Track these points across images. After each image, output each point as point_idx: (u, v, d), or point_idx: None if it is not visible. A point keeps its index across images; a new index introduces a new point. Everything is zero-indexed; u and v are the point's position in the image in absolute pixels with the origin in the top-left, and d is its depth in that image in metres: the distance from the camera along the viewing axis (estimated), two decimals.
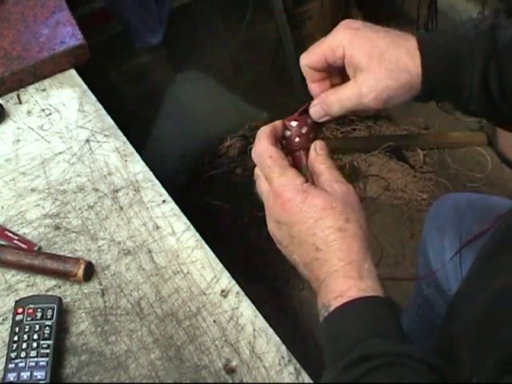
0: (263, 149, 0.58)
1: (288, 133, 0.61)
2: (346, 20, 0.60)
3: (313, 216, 0.53)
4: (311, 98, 0.63)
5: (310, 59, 0.61)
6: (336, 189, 0.55)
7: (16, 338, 0.64)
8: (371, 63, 0.56)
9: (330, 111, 0.60)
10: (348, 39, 0.57)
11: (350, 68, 0.59)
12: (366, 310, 0.50)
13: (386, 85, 0.56)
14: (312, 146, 0.59)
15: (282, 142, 0.61)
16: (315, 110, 0.62)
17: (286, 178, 0.56)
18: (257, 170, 0.60)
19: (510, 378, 0.43)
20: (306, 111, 0.62)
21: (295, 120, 0.61)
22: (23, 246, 0.74)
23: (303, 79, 0.66)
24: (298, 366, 0.64)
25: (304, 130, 0.60)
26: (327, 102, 0.60)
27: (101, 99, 0.93)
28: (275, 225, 0.57)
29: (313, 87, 0.63)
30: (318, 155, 0.59)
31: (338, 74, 0.62)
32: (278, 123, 0.61)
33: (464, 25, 0.59)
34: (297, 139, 0.60)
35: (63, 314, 0.68)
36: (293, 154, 0.61)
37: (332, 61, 0.59)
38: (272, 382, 0.63)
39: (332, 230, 0.53)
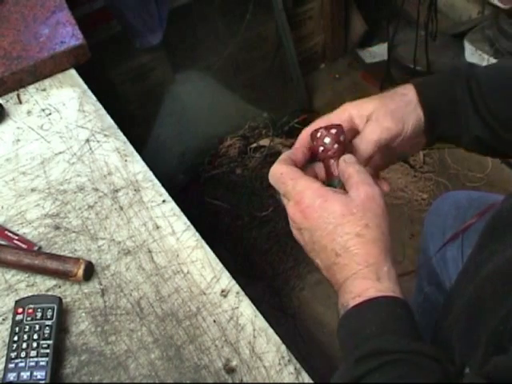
0: (274, 170, 0.60)
1: (327, 139, 0.61)
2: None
3: (332, 222, 0.54)
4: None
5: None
6: (360, 192, 0.55)
7: (16, 338, 0.64)
8: (376, 103, 0.63)
9: (364, 152, 0.63)
10: (354, 108, 0.65)
11: (361, 124, 0.64)
12: (383, 308, 0.51)
13: (394, 106, 0.63)
14: (341, 158, 0.60)
15: (316, 151, 0.62)
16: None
17: (301, 185, 0.57)
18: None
19: (498, 358, 0.43)
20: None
21: (333, 128, 0.61)
22: (23, 245, 0.74)
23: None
24: (298, 365, 0.64)
25: (342, 138, 0.61)
26: (362, 144, 0.63)
27: (101, 99, 0.93)
28: (298, 232, 0.58)
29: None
30: (347, 163, 0.59)
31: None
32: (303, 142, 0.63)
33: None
34: (335, 146, 0.60)
35: (63, 313, 0.68)
36: (328, 161, 0.61)
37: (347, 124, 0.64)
38: (272, 381, 0.63)
39: (351, 236, 0.53)
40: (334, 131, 0.60)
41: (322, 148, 0.61)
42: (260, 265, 1.67)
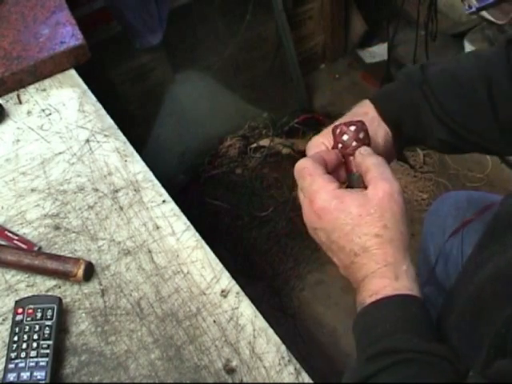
0: (299, 163, 0.59)
1: (346, 137, 0.61)
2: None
3: (349, 223, 0.54)
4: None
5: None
6: (378, 190, 0.54)
7: (16, 338, 0.64)
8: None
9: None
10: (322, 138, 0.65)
11: None
12: (399, 307, 0.51)
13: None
14: (358, 150, 0.60)
15: (336, 147, 0.62)
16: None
17: (318, 184, 0.56)
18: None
19: (501, 361, 0.43)
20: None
21: (353, 124, 0.61)
22: (23, 246, 0.74)
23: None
24: (298, 366, 0.64)
25: (361, 135, 0.61)
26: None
27: (101, 99, 0.93)
28: (313, 231, 0.58)
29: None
30: (363, 155, 0.59)
31: None
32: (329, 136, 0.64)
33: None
34: (354, 143, 0.60)
35: (63, 314, 0.68)
36: (347, 158, 0.61)
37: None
38: (272, 382, 0.63)
39: (369, 237, 0.53)
40: (353, 128, 0.60)
41: (340, 145, 0.61)
42: (260, 265, 1.67)
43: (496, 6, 0.45)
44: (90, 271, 0.72)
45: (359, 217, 0.53)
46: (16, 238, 0.75)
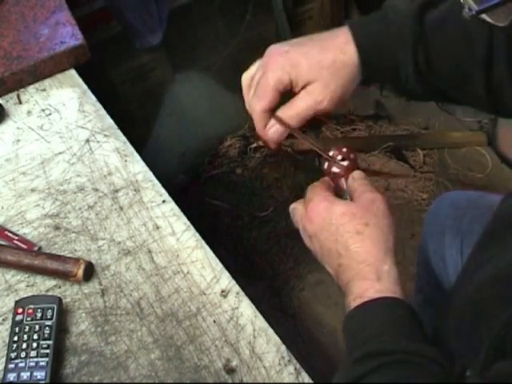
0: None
1: (335, 169, 0.65)
2: (271, 47, 0.67)
3: (334, 223, 0.56)
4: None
5: (268, 101, 0.64)
6: (362, 198, 0.58)
7: (16, 338, 0.64)
8: (315, 74, 0.61)
9: (290, 124, 0.63)
10: (288, 65, 0.62)
11: (297, 87, 0.63)
12: (383, 309, 0.51)
13: (335, 86, 0.61)
14: (351, 175, 0.63)
15: (328, 173, 0.65)
16: (275, 130, 0.64)
17: (313, 192, 0.60)
18: (292, 206, 0.63)
19: (501, 363, 0.43)
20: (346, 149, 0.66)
21: (343, 157, 0.65)
22: (23, 246, 0.74)
23: None
24: (298, 366, 0.64)
25: (345, 163, 0.65)
26: (286, 117, 0.63)
27: (101, 99, 0.93)
28: (309, 240, 0.60)
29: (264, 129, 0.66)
30: (354, 180, 0.62)
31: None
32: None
33: (395, 6, 0.63)
34: (337, 170, 0.65)
35: (63, 314, 0.68)
36: (336, 181, 0.65)
37: (283, 90, 0.63)
38: (272, 382, 0.63)
39: (350, 235, 0.55)
40: (339, 157, 0.65)
41: (334, 171, 0.65)
42: (260, 265, 1.67)
43: (498, 7, 0.45)
44: (90, 271, 0.72)
45: (343, 216, 0.56)
46: (16, 238, 0.75)
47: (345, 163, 0.65)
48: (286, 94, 0.64)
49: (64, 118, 0.90)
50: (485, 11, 0.44)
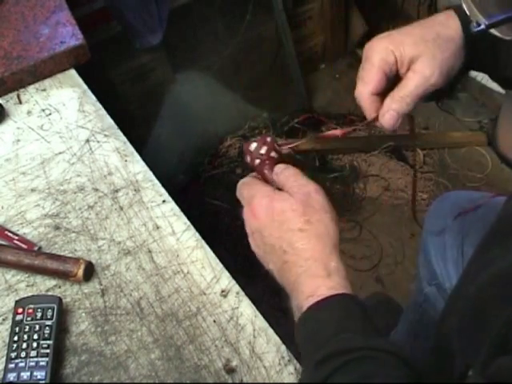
0: (238, 183, 0.63)
1: (248, 158, 0.65)
2: (373, 38, 0.63)
3: (276, 219, 0.56)
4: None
5: (373, 84, 0.62)
6: (297, 192, 0.57)
7: (16, 338, 0.64)
8: (420, 48, 0.59)
9: (403, 108, 0.61)
10: (391, 44, 0.60)
11: (403, 67, 0.61)
12: (337, 307, 0.51)
13: (441, 58, 0.59)
14: (274, 171, 0.62)
15: (252, 164, 0.65)
16: (388, 117, 0.61)
17: (254, 188, 0.60)
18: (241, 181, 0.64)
19: (501, 359, 0.43)
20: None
21: (254, 141, 0.64)
22: (23, 245, 0.74)
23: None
24: (298, 366, 0.64)
25: (263, 151, 0.63)
26: (397, 99, 0.60)
27: (101, 99, 0.93)
28: (251, 237, 0.60)
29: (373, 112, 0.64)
30: (278, 174, 0.61)
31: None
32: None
33: None
34: (257, 161, 0.64)
35: (63, 314, 0.68)
36: (261, 172, 0.64)
37: (389, 71, 0.61)
38: (272, 382, 0.63)
39: (294, 232, 0.54)
40: (253, 146, 0.64)
41: (258, 161, 0.64)
42: (260, 265, 1.67)
43: (510, 22, 0.44)
44: (90, 271, 0.72)
45: (283, 213, 0.56)
46: (16, 237, 0.75)
47: (272, 154, 0.63)
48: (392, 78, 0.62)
49: (64, 118, 0.90)
50: (495, 26, 0.44)
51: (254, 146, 0.64)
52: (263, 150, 0.63)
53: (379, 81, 0.61)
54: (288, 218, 0.55)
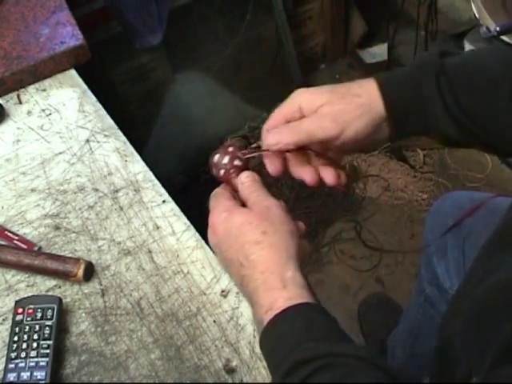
0: (211, 196, 0.63)
1: (213, 170, 0.65)
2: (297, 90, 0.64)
3: (233, 233, 0.56)
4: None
5: (270, 123, 0.65)
6: (257, 207, 0.57)
7: (16, 338, 0.64)
8: (325, 98, 0.60)
9: (289, 137, 0.61)
10: (303, 94, 0.62)
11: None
12: (297, 317, 0.50)
13: (340, 108, 0.59)
14: (238, 179, 0.62)
15: (218, 174, 0.65)
16: (272, 135, 0.62)
17: (216, 202, 0.59)
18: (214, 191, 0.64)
19: (506, 368, 0.43)
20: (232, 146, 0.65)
21: (217, 153, 0.64)
22: (23, 246, 0.74)
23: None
24: None
25: (226, 160, 0.63)
26: (290, 126, 0.62)
27: (101, 99, 0.93)
28: (215, 252, 0.60)
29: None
30: (242, 184, 0.61)
31: None
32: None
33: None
34: (221, 172, 0.64)
35: (63, 314, 0.68)
36: (228, 182, 0.64)
37: (290, 117, 0.63)
38: (272, 382, 0.63)
39: (250, 245, 0.54)
40: (216, 158, 0.64)
41: (222, 171, 0.64)
42: None
43: None
44: (90, 271, 0.72)
45: (241, 226, 0.55)
46: (16, 238, 0.75)
47: (236, 163, 0.63)
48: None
49: (64, 118, 0.90)
50: (506, 32, 0.44)
51: (216, 157, 0.64)
52: (226, 160, 0.63)
53: (277, 120, 0.64)
54: (244, 231, 0.55)
